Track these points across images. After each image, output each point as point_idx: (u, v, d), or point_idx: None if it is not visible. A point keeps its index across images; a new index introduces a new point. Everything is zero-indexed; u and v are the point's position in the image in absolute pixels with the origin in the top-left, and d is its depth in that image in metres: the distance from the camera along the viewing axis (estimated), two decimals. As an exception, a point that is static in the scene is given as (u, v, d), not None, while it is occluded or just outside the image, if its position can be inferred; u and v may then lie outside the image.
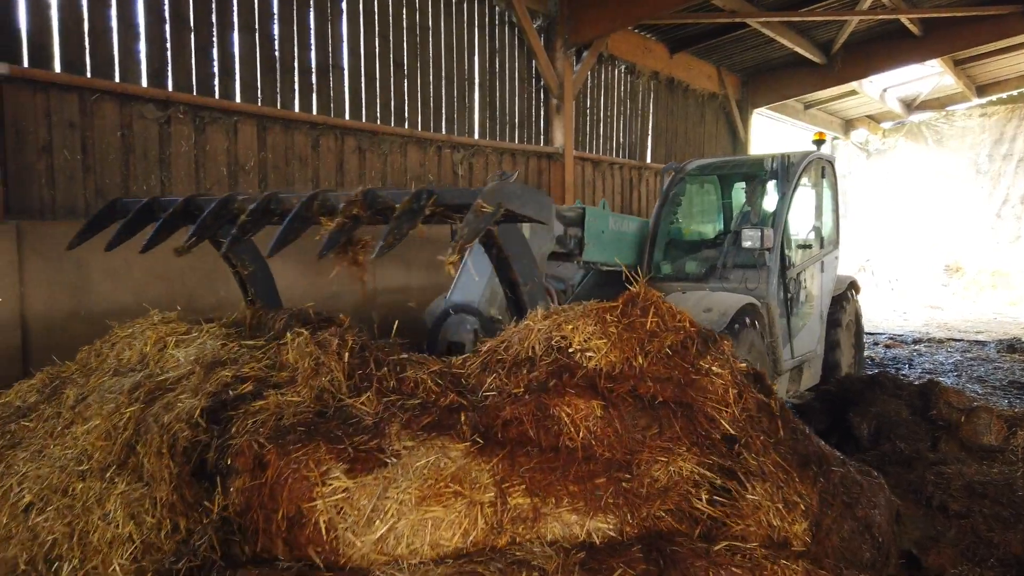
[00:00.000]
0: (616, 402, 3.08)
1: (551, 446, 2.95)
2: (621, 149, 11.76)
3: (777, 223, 5.96)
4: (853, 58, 13.84)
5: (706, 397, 3.20)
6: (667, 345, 3.28)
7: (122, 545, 2.82)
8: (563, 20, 9.74)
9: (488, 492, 2.78)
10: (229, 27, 6.34)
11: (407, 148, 7.98)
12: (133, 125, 5.71)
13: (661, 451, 2.97)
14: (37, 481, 3.18)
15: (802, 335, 6.47)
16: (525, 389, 3.14)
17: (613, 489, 2.82)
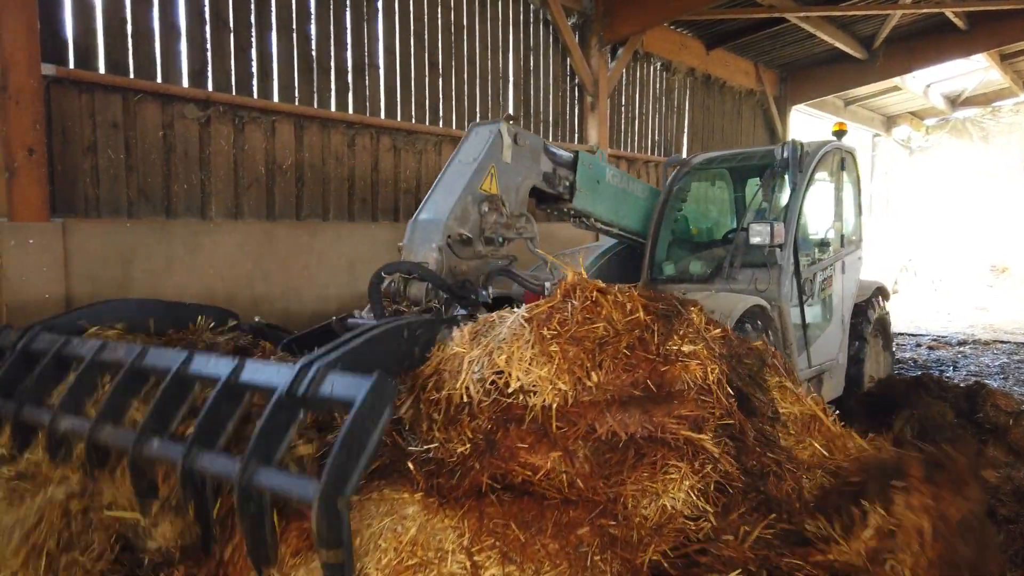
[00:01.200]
0: (574, 448, 2.63)
1: (522, 491, 2.57)
2: (656, 147, 11.66)
3: (789, 217, 5.46)
4: (896, 53, 13.52)
5: (683, 393, 2.76)
6: (623, 347, 2.84)
7: None
8: (598, 17, 9.69)
9: (456, 560, 2.33)
10: (267, 27, 6.41)
11: (442, 147, 7.99)
12: (174, 125, 5.81)
13: (648, 479, 2.58)
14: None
15: (820, 342, 5.95)
16: (471, 446, 2.69)
17: (599, 542, 2.42)
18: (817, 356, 5.93)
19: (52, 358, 3.29)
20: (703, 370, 2.80)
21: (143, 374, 3.01)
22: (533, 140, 5.05)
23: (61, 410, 2.99)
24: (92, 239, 5.21)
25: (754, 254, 5.42)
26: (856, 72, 13.89)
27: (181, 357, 2.86)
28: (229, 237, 6.02)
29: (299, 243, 6.53)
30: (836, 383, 6.34)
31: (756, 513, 2.58)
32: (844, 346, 6.44)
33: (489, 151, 4.55)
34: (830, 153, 6.18)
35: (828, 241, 6.23)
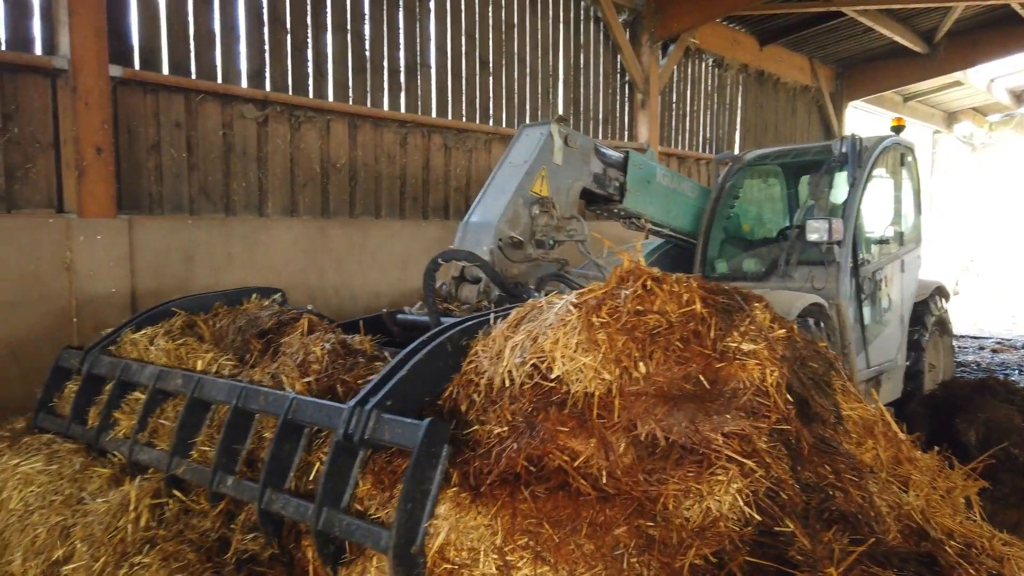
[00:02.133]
0: (614, 439, 2.50)
1: (557, 485, 2.46)
2: (708, 144, 11.51)
3: (848, 213, 5.34)
4: (958, 46, 13.08)
5: (738, 394, 2.56)
6: (676, 340, 2.66)
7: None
8: (649, 14, 9.61)
9: (488, 561, 2.27)
10: (323, 28, 6.53)
11: (491, 145, 8.03)
12: (233, 124, 5.95)
13: (693, 478, 2.41)
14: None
15: (879, 342, 5.81)
16: (510, 428, 2.61)
17: (637, 543, 2.28)
18: (876, 356, 5.80)
19: (117, 384, 3.60)
20: (761, 371, 2.60)
21: (204, 403, 3.21)
22: (583, 141, 5.03)
23: (135, 440, 3.33)
24: (156, 235, 5.37)
25: (811, 251, 5.33)
26: (916, 67, 13.48)
27: (237, 391, 3.02)
28: (285, 234, 6.14)
29: (352, 240, 6.62)
30: (895, 385, 6.22)
31: (835, 528, 2.41)
32: (903, 347, 6.30)
33: (540, 153, 4.55)
34: (889, 149, 6.03)
35: (887, 239, 6.05)
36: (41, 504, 3.27)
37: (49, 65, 4.91)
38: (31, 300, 4.76)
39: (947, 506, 2.87)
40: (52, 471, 3.45)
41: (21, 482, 3.43)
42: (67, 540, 3.04)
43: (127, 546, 2.86)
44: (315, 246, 6.34)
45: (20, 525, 3.22)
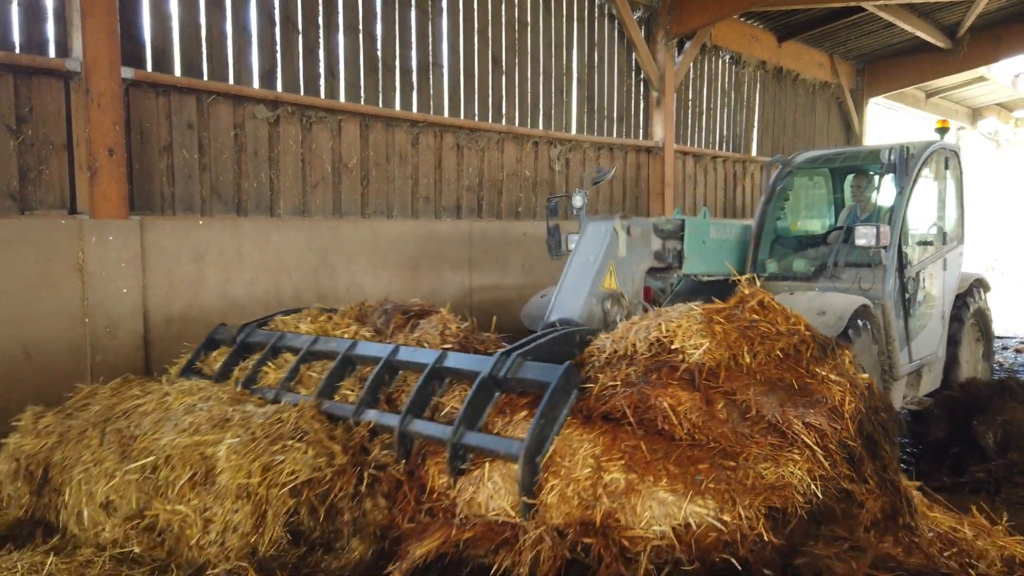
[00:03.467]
0: (714, 399, 2.99)
1: (653, 431, 2.94)
2: (724, 142, 11.40)
3: (895, 219, 5.60)
4: (981, 41, 12.84)
5: (820, 406, 2.97)
6: (779, 347, 3.17)
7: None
8: (665, 11, 9.52)
9: (585, 464, 2.82)
10: (334, 28, 6.54)
11: (504, 144, 8.00)
12: (245, 125, 5.98)
13: (771, 448, 2.83)
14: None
15: (921, 337, 6.03)
16: (623, 382, 3.14)
17: (715, 475, 2.69)
18: (918, 351, 6.00)
19: (270, 349, 4.29)
20: (842, 396, 3.02)
21: (351, 361, 3.95)
22: (643, 225, 5.34)
23: (283, 386, 3.99)
24: (168, 235, 5.41)
25: (858, 254, 5.56)
26: (938, 62, 13.26)
27: (388, 349, 3.79)
28: (296, 234, 6.16)
29: (363, 240, 6.63)
30: (935, 376, 6.43)
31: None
32: (943, 340, 6.50)
33: (607, 251, 4.93)
34: (935, 154, 6.25)
35: (931, 239, 6.29)
36: (201, 404, 3.79)
37: (62, 67, 4.96)
38: (44, 300, 4.82)
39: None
40: (208, 390, 3.99)
41: (182, 392, 3.98)
42: (226, 426, 3.51)
43: (283, 433, 3.34)
44: (327, 246, 6.36)
45: (179, 416, 3.71)
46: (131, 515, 3.40)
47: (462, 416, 3.13)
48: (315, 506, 3.16)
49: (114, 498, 3.48)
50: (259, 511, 3.10)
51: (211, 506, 3.19)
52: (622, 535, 2.63)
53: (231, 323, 4.82)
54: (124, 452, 3.63)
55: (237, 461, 3.21)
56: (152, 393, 4.05)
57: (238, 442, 3.30)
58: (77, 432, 3.91)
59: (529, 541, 2.67)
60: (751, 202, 11.86)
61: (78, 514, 3.58)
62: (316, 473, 3.18)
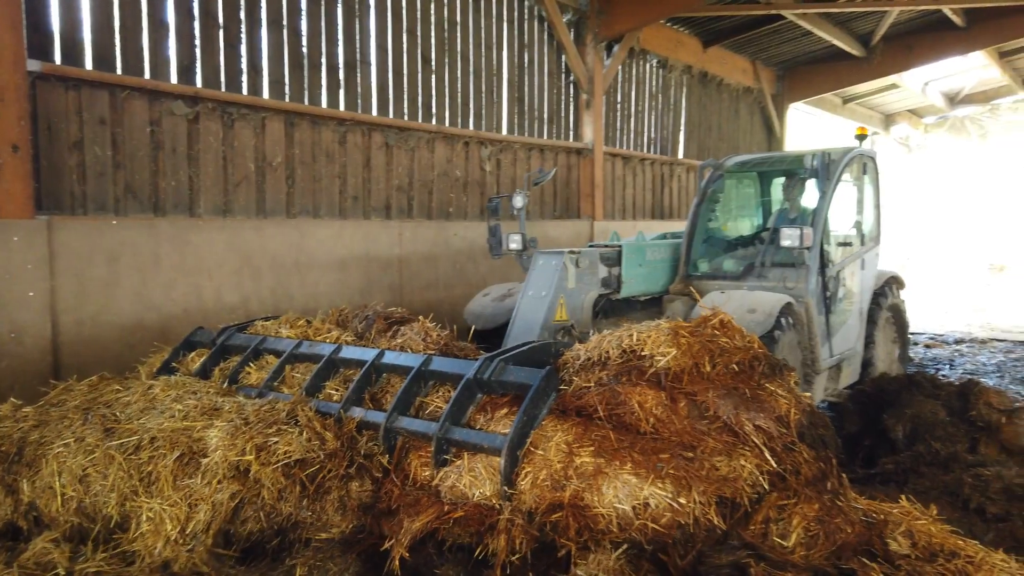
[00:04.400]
0: (677, 398, 3.35)
1: (621, 426, 3.27)
2: (652, 144, 11.62)
3: (817, 222, 5.85)
4: (893, 50, 13.48)
5: (768, 413, 3.34)
6: (735, 361, 3.53)
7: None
8: (593, 14, 9.64)
9: (558, 448, 3.15)
10: (257, 23, 6.37)
11: (435, 144, 7.96)
12: (162, 122, 5.76)
13: (726, 444, 3.18)
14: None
15: (841, 333, 6.30)
16: (595, 383, 3.47)
17: (675, 464, 3.02)
18: (838, 346, 6.24)
19: (251, 351, 4.41)
20: (788, 408, 3.40)
21: (335, 364, 4.13)
22: (591, 256, 5.54)
23: (267, 385, 4.12)
24: (78, 236, 5.17)
25: (784, 254, 5.74)
26: (854, 70, 13.85)
27: (373, 353, 4.00)
28: (218, 234, 5.98)
29: (289, 241, 6.49)
30: (853, 370, 6.72)
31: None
32: (862, 336, 6.79)
33: (557, 284, 5.16)
34: (854, 159, 6.52)
35: (850, 240, 6.55)
36: (188, 396, 3.90)
37: (-40, 58, 4.68)
38: (-59, 305, 4.54)
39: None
40: (194, 384, 4.12)
41: (168, 385, 4.10)
42: (216, 413, 3.66)
43: (277, 419, 3.50)
44: (250, 247, 6.19)
45: (166, 405, 3.81)
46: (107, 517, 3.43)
47: (447, 413, 3.39)
48: (305, 485, 3.29)
49: (92, 472, 3.52)
50: (246, 490, 3.27)
51: (196, 489, 3.29)
52: (587, 512, 2.94)
53: (147, 327, 4.71)
54: (108, 431, 3.70)
55: (230, 441, 3.36)
56: (134, 387, 4.14)
57: (230, 425, 3.46)
58: (57, 416, 3.95)
59: (502, 523, 2.97)
60: (678, 204, 12.13)
61: (49, 488, 3.57)
62: (309, 454, 3.34)
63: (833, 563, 2.78)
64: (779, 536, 2.94)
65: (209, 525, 3.22)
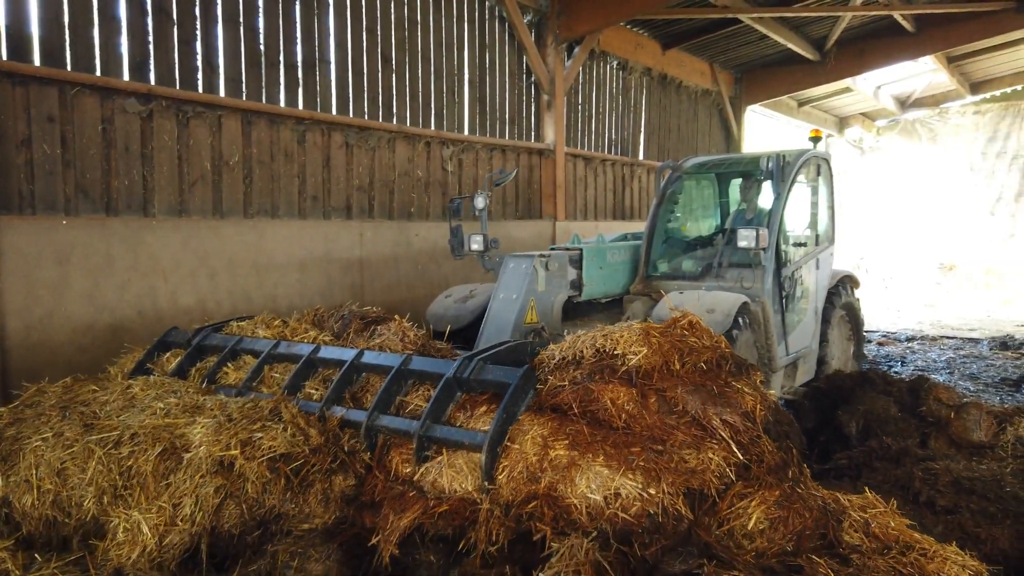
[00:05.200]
0: (648, 395, 3.50)
1: (595, 422, 3.40)
2: (613, 146, 11.71)
3: (772, 223, 5.92)
4: (846, 55, 13.79)
5: (735, 408, 3.48)
6: (703, 360, 3.67)
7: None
8: (554, 15, 9.68)
9: (534, 442, 3.29)
10: (213, 20, 6.26)
11: (395, 143, 7.91)
12: (114, 119, 5.63)
13: (693, 438, 3.32)
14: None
15: (797, 332, 6.41)
16: (570, 382, 3.58)
17: (645, 457, 3.15)
18: (794, 345, 6.35)
19: (228, 351, 4.43)
20: (753, 404, 3.54)
21: (314, 364, 4.18)
22: (560, 259, 5.63)
23: (246, 384, 4.18)
24: (26, 236, 5.03)
25: (740, 255, 5.83)
26: (809, 73, 14.13)
27: (352, 353, 4.07)
28: (173, 234, 5.86)
29: (246, 241, 6.39)
30: (809, 367, 6.85)
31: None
32: (817, 335, 6.92)
33: (527, 288, 5.24)
34: (808, 161, 6.60)
35: (805, 241, 6.66)
36: (169, 395, 3.91)
37: (-101, 52, 4.51)
38: None
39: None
40: (173, 384, 4.13)
41: (146, 384, 4.09)
42: (199, 411, 3.68)
43: (261, 416, 3.56)
44: (206, 247, 6.08)
45: (147, 403, 3.83)
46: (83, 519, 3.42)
47: (428, 411, 3.50)
48: (290, 478, 3.37)
49: (70, 465, 3.51)
50: (231, 484, 3.31)
51: (179, 484, 3.32)
52: (560, 502, 3.09)
53: (100, 329, 4.61)
54: (87, 426, 3.69)
55: (215, 437, 3.42)
56: (111, 387, 4.12)
57: (214, 422, 3.52)
58: (33, 415, 3.90)
59: (483, 515, 3.13)
60: (639, 204, 12.25)
61: (25, 482, 3.54)
62: (294, 448, 3.42)
63: (782, 561, 2.83)
64: (741, 523, 3.03)
65: (194, 523, 3.24)
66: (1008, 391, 8.25)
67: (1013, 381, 8.68)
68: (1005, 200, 19.19)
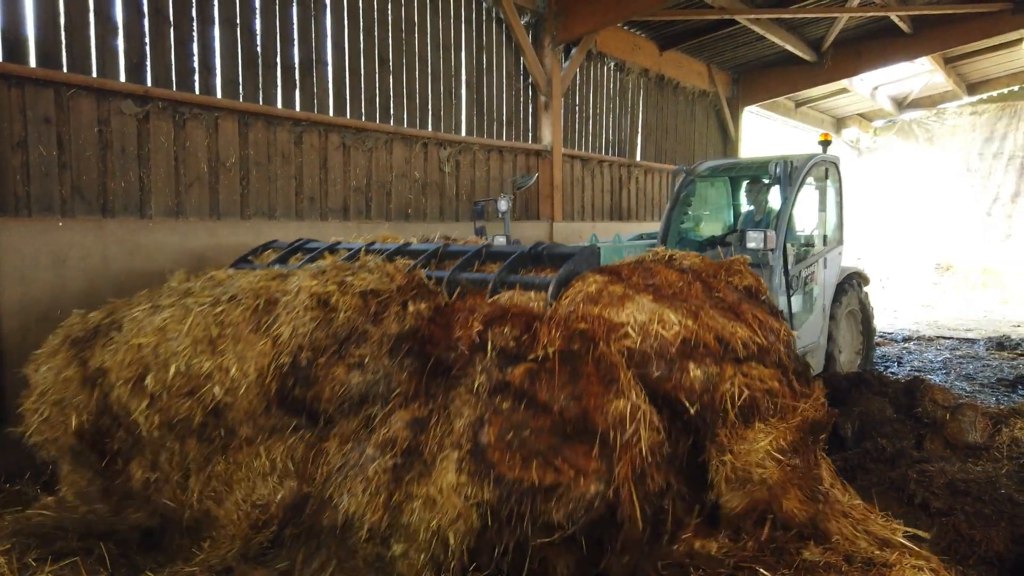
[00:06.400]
0: (695, 283, 3.89)
1: (649, 287, 3.77)
2: (610, 147, 11.72)
3: (780, 225, 6.11)
4: (843, 56, 13.82)
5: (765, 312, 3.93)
6: (744, 285, 4.07)
7: None
8: (551, 16, 9.69)
9: (595, 284, 3.71)
10: (209, 22, 6.26)
11: (392, 145, 7.91)
12: (111, 121, 5.63)
13: (727, 316, 3.70)
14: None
15: (804, 328, 6.56)
16: (631, 266, 3.99)
17: (685, 306, 3.58)
18: (802, 340, 6.48)
19: (327, 247, 4.93)
20: (780, 329, 3.86)
21: (404, 252, 4.61)
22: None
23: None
24: (22, 238, 5.03)
25: (749, 255, 5.99)
26: (806, 74, 14.15)
27: (440, 243, 4.62)
28: (169, 236, 5.86)
29: (244, 242, 6.37)
30: (817, 362, 7.01)
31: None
32: (825, 330, 7.10)
33: None
34: (817, 165, 6.85)
35: (813, 241, 6.94)
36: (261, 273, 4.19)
37: None
38: None
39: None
40: (270, 269, 4.39)
41: (238, 272, 4.45)
42: (292, 274, 4.03)
43: (352, 268, 3.98)
44: (203, 248, 6.08)
45: (241, 277, 4.17)
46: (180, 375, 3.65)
47: (504, 267, 4.04)
48: (376, 309, 3.70)
49: (169, 324, 3.80)
50: (323, 316, 3.64)
51: (279, 319, 3.65)
52: (611, 321, 3.43)
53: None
54: (183, 296, 4.03)
55: (312, 281, 3.78)
56: (213, 276, 4.44)
57: (309, 274, 3.89)
58: (124, 304, 4.27)
59: (544, 320, 3.43)
60: (636, 205, 12.26)
61: (125, 344, 3.83)
62: (381, 285, 3.81)
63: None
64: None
65: (290, 348, 3.58)
66: (1004, 392, 8.26)
67: (1009, 382, 8.70)
68: (1002, 200, 19.23)
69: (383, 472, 3.04)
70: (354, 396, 3.50)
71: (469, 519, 2.84)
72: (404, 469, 3.03)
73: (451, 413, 3.16)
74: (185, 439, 3.78)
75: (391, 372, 3.44)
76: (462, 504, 2.85)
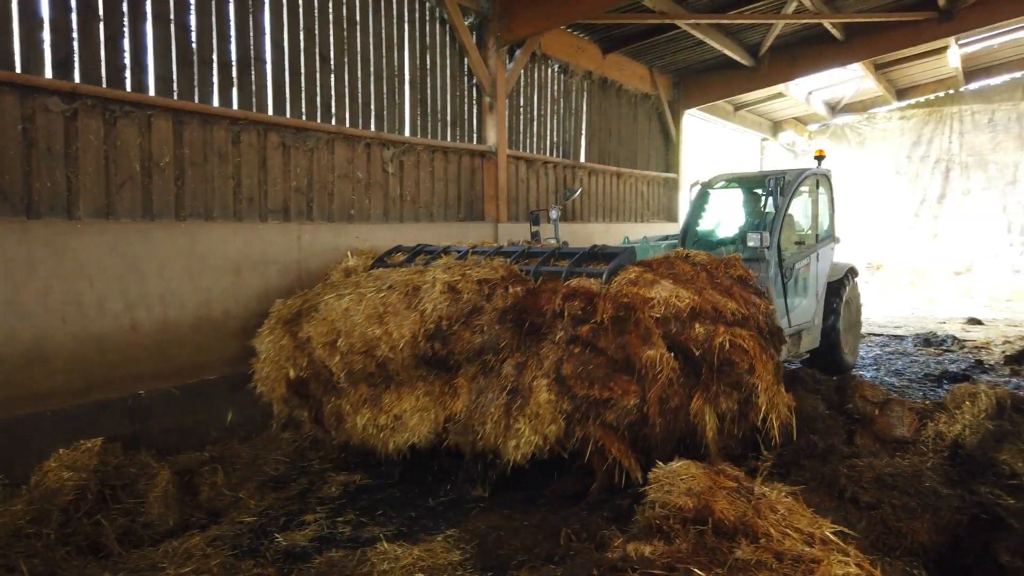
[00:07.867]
0: (702, 272, 5.64)
1: (669, 275, 5.45)
2: (555, 148, 11.79)
3: (773, 228, 7.46)
4: (780, 61, 14.20)
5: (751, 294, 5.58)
6: (739, 274, 5.77)
7: None
8: (495, 18, 9.69)
9: (633, 271, 5.31)
10: (141, 17, 6.07)
11: (335, 145, 7.80)
12: (36, 118, 5.40)
13: (724, 294, 5.33)
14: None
15: (798, 310, 7.92)
16: (658, 264, 5.71)
17: (694, 287, 5.23)
18: (796, 319, 7.90)
19: (442, 250, 6.66)
20: (764, 306, 5.53)
21: (501, 253, 6.22)
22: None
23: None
24: (-61, 241, 4.78)
25: (750, 252, 7.36)
26: (744, 78, 14.49)
27: (523, 247, 6.38)
28: (99, 238, 5.66)
29: (179, 244, 6.21)
30: (812, 338, 8.48)
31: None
32: (819, 312, 8.55)
33: None
34: (808, 178, 8.39)
35: (805, 239, 8.43)
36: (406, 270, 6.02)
37: None
38: None
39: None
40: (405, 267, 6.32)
41: (384, 271, 6.22)
42: (429, 269, 5.76)
43: (471, 264, 5.66)
44: (135, 251, 5.89)
45: (392, 273, 5.95)
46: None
47: (572, 262, 5.62)
48: (488, 292, 5.23)
49: (351, 307, 5.48)
50: (452, 297, 5.23)
51: (422, 299, 5.31)
52: (644, 297, 4.95)
53: (20, 338, 4.36)
54: (359, 284, 5.85)
55: (444, 274, 5.42)
56: (361, 278, 6.25)
57: (441, 269, 5.57)
58: (312, 294, 6.26)
59: (600, 297, 4.96)
60: (581, 207, 12.36)
61: (323, 320, 5.60)
62: (490, 275, 5.35)
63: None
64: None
65: (431, 320, 5.19)
66: (931, 386, 8.62)
67: (935, 377, 9.07)
68: (928, 202, 20.04)
69: (499, 408, 4.73)
70: (476, 350, 5.04)
71: (557, 421, 4.58)
72: (512, 403, 4.71)
73: (541, 356, 4.81)
74: (358, 384, 5.49)
75: (500, 333, 5.00)
76: (552, 412, 4.58)
